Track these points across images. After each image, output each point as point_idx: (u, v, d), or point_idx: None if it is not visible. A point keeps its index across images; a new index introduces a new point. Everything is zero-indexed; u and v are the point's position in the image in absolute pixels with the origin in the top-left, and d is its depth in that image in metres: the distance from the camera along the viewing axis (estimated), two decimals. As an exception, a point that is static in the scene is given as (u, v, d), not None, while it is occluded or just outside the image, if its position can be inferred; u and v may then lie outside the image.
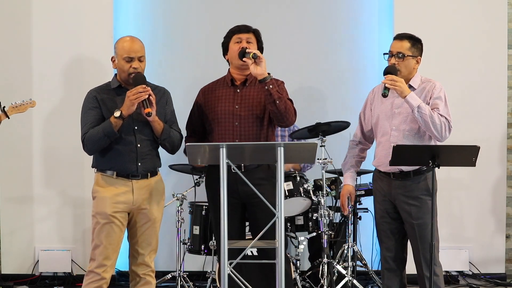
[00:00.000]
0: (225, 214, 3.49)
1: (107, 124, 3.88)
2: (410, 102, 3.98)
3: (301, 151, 3.65)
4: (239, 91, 4.19)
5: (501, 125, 5.90)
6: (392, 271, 4.23)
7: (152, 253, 4.09)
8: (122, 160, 3.96)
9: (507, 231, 5.97)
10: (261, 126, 4.16)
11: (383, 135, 4.19)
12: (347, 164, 4.43)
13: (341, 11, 6.05)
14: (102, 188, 3.98)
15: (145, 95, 3.85)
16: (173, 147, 4.12)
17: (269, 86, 3.99)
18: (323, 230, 5.07)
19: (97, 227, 3.94)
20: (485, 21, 5.86)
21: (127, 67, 3.96)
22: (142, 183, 4.00)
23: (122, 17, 5.92)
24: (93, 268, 3.94)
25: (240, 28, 4.20)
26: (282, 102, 4.02)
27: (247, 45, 4.12)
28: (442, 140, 4.09)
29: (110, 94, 4.02)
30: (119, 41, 4.06)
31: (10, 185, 5.76)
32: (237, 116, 4.13)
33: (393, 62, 4.11)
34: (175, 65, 6.00)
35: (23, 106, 5.06)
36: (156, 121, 3.96)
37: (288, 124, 4.16)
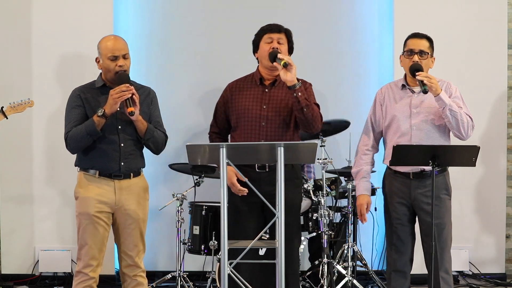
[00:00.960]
0: (225, 214, 3.49)
1: (90, 122, 3.87)
2: (444, 100, 3.96)
3: (301, 151, 3.65)
4: (267, 91, 4.16)
5: (501, 125, 5.90)
6: (401, 274, 4.21)
7: (140, 253, 4.06)
8: (105, 159, 3.95)
9: (507, 231, 5.97)
10: (287, 128, 4.13)
11: (403, 135, 4.14)
12: (362, 173, 4.34)
13: (341, 11, 6.05)
14: (85, 188, 3.97)
15: (128, 94, 3.84)
16: (157, 147, 4.10)
17: (298, 94, 3.96)
18: (323, 230, 5.07)
19: (81, 227, 3.95)
20: (485, 21, 5.86)
21: (112, 66, 3.95)
22: (125, 183, 3.99)
23: (122, 16, 5.92)
24: (81, 268, 3.96)
25: (271, 27, 4.15)
26: (309, 110, 4.00)
27: (278, 46, 4.08)
28: (465, 138, 4.08)
29: (94, 93, 4.01)
30: (102, 41, 4.03)
31: (10, 185, 5.76)
32: (264, 116, 4.10)
33: (415, 60, 4.09)
34: (175, 65, 5.99)
35: (22, 106, 5.06)
36: (139, 120, 3.94)
37: (314, 131, 4.15)
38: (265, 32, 4.14)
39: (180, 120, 5.95)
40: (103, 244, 3.98)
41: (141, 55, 5.95)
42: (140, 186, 4.06)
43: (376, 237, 5.80)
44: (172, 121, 5.92)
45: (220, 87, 4.38)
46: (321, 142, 5.14)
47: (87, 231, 3.93)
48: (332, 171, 5.28)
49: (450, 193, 4.15)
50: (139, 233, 4.04)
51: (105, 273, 5.40)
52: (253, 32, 4.22)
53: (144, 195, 4.09)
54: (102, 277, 5.39)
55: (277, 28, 4.15)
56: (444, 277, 4.08)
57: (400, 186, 4.17)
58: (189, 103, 5.98)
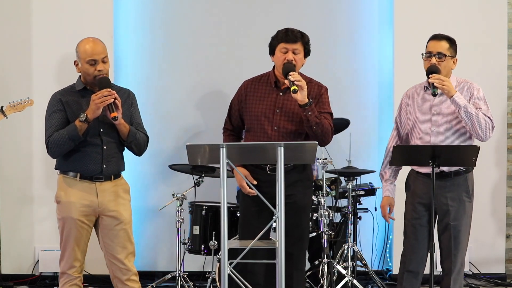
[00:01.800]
0: (225, 214, 3.49)
1: (72, 127, 3.84)
2: (457, 101, 3.96)
3: (301, 151, 3.65)
4: (281, 94, 4.14)
5: (501, 125, 5.90)
6: (413, 274, 4.21)
7: (130, 256, 4.02)
8: (87, 162, 3.93)
9: (507, 231, 5.97)
10: (299, 133, 4.12)
11: (423, 137, 4.14)
12: (386, 175, 4.35)
13: (341, 11, 6.05)
14: (66, 192, 3.95)
15: (110, 99, 3.81)
16: (140, 149, 4.09)
17: (308, 113, 3.96)
18: (323, 230, 5.07)
19: (65, 230, 3.94)
20: (485, 21, 5.86)
21: (92, 70, 3.92)
22: (106, 186, 3.98)
23: (122, 17, 5.92)
24: (66, 270, 3.98)
25: (288, 37, 4.07)
26: (318, 127, 4.00)
27: (293, 57, 4.04)
28: (485, 139, 4.06)
29: (75, 96, 3.98)
30: (80, 44, 4.01)
31: (10, 185, 5.76)
32: (277, 120, 4.09)
33: (433, 62, 4.08)
34: (175, 66, 5.99)
35: (21, 105, 5.06)
36: (122, 124, 3.92)
37: (323, 145, 4.16)
38: (281, 40, 4.09)
39: (180, 120, 5.95)
40: (86, 245, 4.01)
41: (141, 55, 5.95)
42: (121, 188, 4.05)
43: (376, 237, 5.80)
44: (172, 121, 5.95)
45: (220, 87, 4.38)
46: (321, 142, 5.14)
47: (71, 235, 3.93)
48: (332, 171, 5.28)
49: (470, 196, 4.14)
50: (126, 234, 4.00)
51: (104, 273, 5.41)
52: (253, 32, 4.23)
53: (126, 196, 4.08)
54: (101, 277, 5.45)
55: (293, 38, 4.07)
56: (456, 279, 4.07)
57: (422, 187, 4.17)
58: (189, 103, 5.98)
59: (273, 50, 4.14)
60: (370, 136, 6.00)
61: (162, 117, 5.94)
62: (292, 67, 4.00)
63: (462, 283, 4.18)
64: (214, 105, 5.80)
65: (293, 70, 3.98)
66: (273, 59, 4.17)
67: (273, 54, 4.15)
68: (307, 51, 4.16)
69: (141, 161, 5.65)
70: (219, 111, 4.77)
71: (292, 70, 3.97)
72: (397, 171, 4.36)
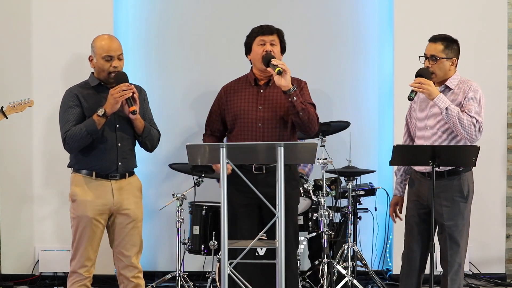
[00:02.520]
0: (225, 214, 3.48)
1: (90, 122, 3.85)
2: (438, 104, 3.98)
3: (301, 151, 3.65)
4: (262, 91, 4.14)
5: (501, 125, 5.90)
6: (413, 272, 4.22)
7: (138, 254, 4.05)
8: (102, 159, 3.93)
9: (507, 231, 5.97)
10: (284, 128, 4.13)
11: (419, 135, 4.19)
12: (398, 173, 4.41)
13: (341, 12, 6.04)
14: (82, 190, 3.94)
15: (129, 93, 3.83)
16: (153, 145, 4.11)
17: (293, 98, 3.95)
18: (323, 230, 5.07)
19: (79, 229, 3.94)
20: (485, 21, 5.86)
21: (107, 66, 3.93)
22: (121, 183, 3.98)
23: (122, 17, 5.92)
24: (76, 269, 3.96)
25: (263, 29, 4.11)
26: (305, 114, 4.00)
27: (271, 48, 4.06)
28: (473, 141, 4.07)
29: (91, 92, 3.99)
30: (97, 39, 4.02)
31: (10, 185, 5.76)
32: (260, 117, 4.09)
33: (427, 65, 4.11)
34: (174, 66, 5.99)
35: (21, 106, 5.06)
36: (138, 119, 3.94)
37: (310, 133, 4.15)
38: (257, 34, 4.11)
39: (179, 120, 5.96)
40: (98, 245, 4.00)
41: (141, 55, 5.95)
42: (135, 185, 4.06)
43: (376, 237, 5.80)
44: (172, 121, 5.95)
45: (219, 87, 4.37)
46: (321, 142, 5.14)
47: (85, 233, 3.92)
48: (332, 171, 5.28)
49: (465, 196, 4.14)
50: (137, 232, 4.03)
51: (105, 273, 5.42)
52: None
53: (139, 195, 4.09)
54: (102, 277, 5.44)
55: (269, 30, 4.11)
56: (454, 278, 4.08)
57: (418, 186, 4.19)
58: (189, 102, 5.98)
59: (250, 47, 4.14)
60: (370, 136, 6.00)
61: (162, 116, 5.90)
62: (272, 56, 4.00)
63: (461, 284, 4.16)
64: (214, 105, 5.80)
65: (273, 57, 3.98)
66: (251, 56, 4.17)
67: (250, 52, 4.15)
68: (283, 47, 4.18)
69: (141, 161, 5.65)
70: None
71: (272, 57, 3.98)
72: (409, 170, 4.35)
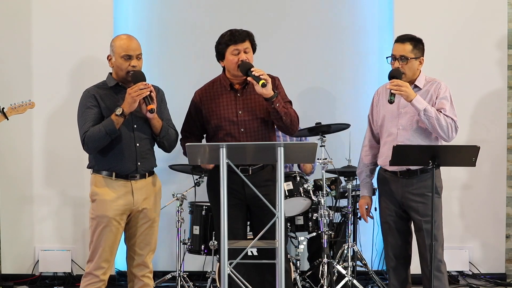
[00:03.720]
0: (225, 214, 3.49)
1: (108, 122, 3.84)
2: (416, 106, 4.00)
3: (301, 151, 3.65)
4: (239, 95, 4.13)
5: (501, 125, 5.90)
6: (397, 270, 4.25)
7: (151, 253, 4.06)
8: (122, 160, 3.93)
9: (507, 231, 5.97)
10: (265, 128, 4.13)
11: (390, 135, 4.19)
12: (363, 174, 4.41)
13: (341, 12, 6.05)
14: (102, 190, 3.93)
15: (146, 92, 3.82)
16: (171, 145, 4.10)
17: (276, 105, 3.95)
18: (323, 230, 5.07)
19: (98, 229, 3.91)
20: (485, 21, 5.86)
21: (125, 65, 3.92)
22: (141, 183, 3.98)
23: (122, 17, 5.92)
24: (92, 270, 3.93)
25: (236, 38, 4.05)
26: (287, 117, 4.01)
27: (246, 56, 4.03)
28: (449, 140, 4.11)
29: (108, 92, 3.98)
30: (116, 39, 4.02)
31: (10, 185, 5.76)
32: (242, 122, 4.09)
33: (397, 66, 4.11)
34: (175, 65, 5.99)
35: (22, 107, 5.07)
36: (155, 118, 3.94)
37: (292, 134, 4.16)
38: (229, 43, 4.06)
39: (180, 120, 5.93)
40: (116, 246, 3.98)
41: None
42: (155, 185, 4.07)
43: (376, 237, 5.79)
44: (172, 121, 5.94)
45: (220, 87, 4.37)
46: (321, 142, 5.14)
47: (104, 234, 3.90)
48: (332, 171, 5.28)
49: (439, 192, 4.16)
50: (153, 232, 4.04)
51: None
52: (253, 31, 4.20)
53: (159, 194, 4.10)
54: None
55: (241, 37, 4.06)
56: (437, 275, 4.08)
57: (390, 184, 4.22)
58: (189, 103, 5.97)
59: (223, 55, 4.11)
60: (370, 136, 6.00)
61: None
62: (250, 64, 3.99)
63: (446, 281, 4.17)
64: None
65: (252, 66, 3.97)
66: (224, 63, 4.14)
67: (223, 58, 4.12)
68: (255, 48, 4.16)
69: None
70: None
71: (250, 66, 3.97)
72: (374, 170, 4.41)
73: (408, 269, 4.29)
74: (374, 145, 4.39)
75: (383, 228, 4.31)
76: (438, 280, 4.07)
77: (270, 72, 4.16)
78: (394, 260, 4.25)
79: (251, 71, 3.93)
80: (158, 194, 4.09)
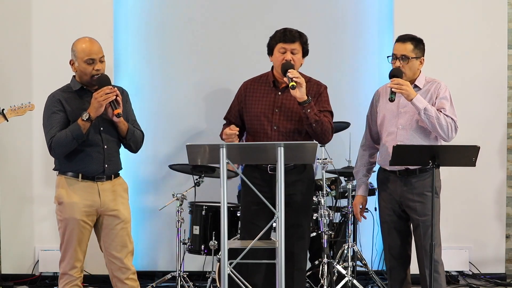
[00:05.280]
0: (225, 214, 3.49)
1: (75, 127, 3.83)
2: (417, 105, 4.00)
3: (301, 151, 3.65)
4: (280, 94, 4.15)
5: (501, 125, 5.90)
6: (396, 270, 4.25)
7: (129, 255, 4.02)
8: (89, 162, 3.92)
9: (507, 231, 5.97)
10: (299, 132, 4.13)
11: (389, 135, 4.20)
12: (359, 173, 4.44)
13: (341, 12, 6.04)
14: (68, 192, 3.93)
15: (112, 96, 3.82)
16: (137, 146, 4.10)
17: (307, 111, 3.98)
18: (323, 230, 5.07)
19: (67, 232, 3.93)
20: (485, 21, 5.86)
21: (89, 70, 3.91)
22: (107, 185, 3.98)
23: (122, 17, 5.91)
24: (67, 270, 3.96)
25: (286, 37, 4.09)
26: (318, 125, 4.02)
27: (291, 57, 4.06)
28: (448, 140, 4.12)
29: (73, 96, 3.97)
30: (77, 43, 4.00)
31: (10, 185, 5.76)
32: (276, 120, 4.10)
33: (397, 65, 4.12)
34: (176, 65, 5.99)
35: (22, 109, 5.08)
36: (121, 121, 3.93)
37: (324, 143, 4.20)
38: (279, 40, 4.10)
39: (180, 120, 5.95)
40: (87, 245, 4.00)
41: (141, 55, 5.95)
42: (121, 187, 4.06)
43: (376, 237, 5.79)
44: (173, 121, 5.95)
45: (221, 87, 4.39)
46: (321, 142, 5.14)
47: (73, 235, 3.92)
48: (332, 171, 5.28)
49: (437, 192, 4.16)
50: (127, 233, 4.01)
51: (104, 273, 5.40)
52: (254, 31, 4.22)
53: (125, 196, 4.08)
54: (101, 277, 5.44)
55: (291, 38, 4.09)
56: (434, 275, 4.08)
57: (389, 184, 4.23)
58: (189, 103, 5.98)
59: (272, 51, 4.16)
60: (370, 136, 6.00)
61: (162, 117, 5.94)
62: (291, 65, 4.02)
63: (444, 281, 4.17)
64: (215, 105, 5.80)
65: (291, 68, 3.99)
66: (272, 59, 4.19)
67: (272, 54, 4.16)
68: (306, 51, 4.17)
69: (141, 161, 5.67)
70: (219, 111, 4.76)
71: (290, 68, 3.99)
72: (371, 170, 4.43)
73: (407, 269, 4.29)
74: (371, 145, 4.40)
75: (383, 228, 4.32)
76: (435, 281, 4.07)
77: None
78: (394, 260, 4.26)
79: (288, 72, 3.96)
80: (125, 196, 4.08)
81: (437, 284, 4.09)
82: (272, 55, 4.16)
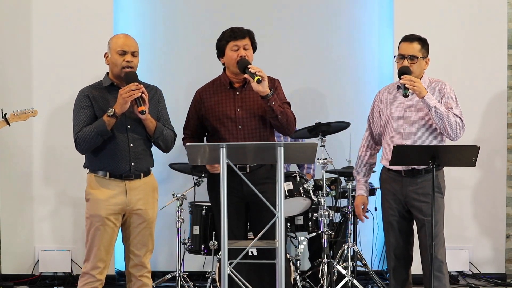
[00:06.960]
0: (225, 214, 3.49)
1: (100, 122, 3.85)
2: (428, 102, 4.01)
3: (301, 151, 3.65)
4: (238, 93, 4.16)
5: (501, 125, 5.90)
6: (398, 270, 4.26)
7: (148, 253, 4.06)
8: (115, 160, 3.93)
9: (507, 231, 5.97)
10: (264, 128, 4.16)
11: (395, 135, 4.20)
12: (359, 173, 4.45)
13: (341, 12, 6.05)
14: (96, 190, 3.95)
15: (138, 93, 3.83)
16: (167, 145, 4.11)
17: (272, 103, 3.99)
18: (323, 230, 5.07)
19: (92, 229, 3.94)
20: (485, 21, 5.86)
21: (120, 61, 3.94)
22: (135, 183, 3.98)
23: (122, 17, 5.92)
24: (88, 270, 3.95)
25: (236, 34, 4.11)
26: (283, 116, 4.04)
27: (245, 53, 4.08)
28: (455, 139, 4.13)
29: (102, 92, 3.99)
30: (113, 37, 4.08)
31: (10, 185, 5.76)
32: (240, 119, 4.12)
33: (405, 65, 4.12)
34: (176, 65, 6.00)
35: (25, 115, 5.09)
36: (148, 119, 3.94)
37: (289, 134, 4.20)
38: (229, 39, 4.11)
39: (180, 120, 5.94)
40: (111, 246, 3.99)
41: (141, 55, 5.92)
42: (150, 186, 4.07)
43: (376, 237, 5.80)
44: (172, 121, 5.93)
45: (220, 87, 4.37)
46: (321, 142, 5.14)
47: (98, 233, 3.92)
48: (332, 171, 5.28)
49: (442, 192, 4.18)
50: (149, 233, 4.05)
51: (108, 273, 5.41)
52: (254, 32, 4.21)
53: (154, 195, 4.10)
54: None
55: (241, 34, 4.12)
56: (437, 275, 4.09)
57: (393, 184, 4.23)
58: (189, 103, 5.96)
59: (222, 51, 4.16)
60: (370, 136, 6.00)
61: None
62: (248, 61, 4.03)
63: (447, 282, 4.17)
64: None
65: (249, 63, 4.01)
66: (223, 60, 4.19)
67: (223, 55, 4.17)
68: (255, 47, 4.20)
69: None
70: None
71: (248, 63, 4.01)
72: (371, 170, 4.46)
73: (409, 270, 4.30)
74: (372, 146, 4.41)
75: (385, 228, 4.31)
76: (438, 281, 4.07)
77: (271, 72, 4.17)
78: (395, 260, 4.26)
79: (247, 68, 3.97)
80: (153, 195, 4.09)
81: (440, 284, 4.09)
82: (224, 56, 4.16)
